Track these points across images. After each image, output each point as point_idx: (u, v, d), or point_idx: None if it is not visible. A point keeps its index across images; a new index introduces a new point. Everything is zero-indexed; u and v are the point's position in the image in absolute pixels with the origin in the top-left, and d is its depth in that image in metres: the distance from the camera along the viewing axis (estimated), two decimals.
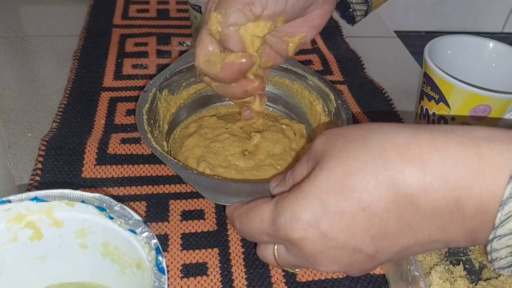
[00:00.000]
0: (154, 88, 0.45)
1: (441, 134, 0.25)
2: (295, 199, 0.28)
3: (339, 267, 0.29)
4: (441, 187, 0.24)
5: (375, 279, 0.40)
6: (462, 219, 0.25)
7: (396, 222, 0.26)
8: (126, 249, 0.28)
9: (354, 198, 0.26)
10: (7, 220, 0.28)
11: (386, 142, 0.26)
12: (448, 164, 0.24)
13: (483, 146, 0.24)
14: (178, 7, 0.78)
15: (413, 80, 0.67)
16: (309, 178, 0.28)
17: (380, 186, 0.25)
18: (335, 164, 0.27)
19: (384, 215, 0.26)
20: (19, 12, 0.76)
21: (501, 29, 1.76)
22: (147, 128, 0.41)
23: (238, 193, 0.38)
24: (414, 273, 0.34)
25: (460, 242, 0.26)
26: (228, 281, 0.39)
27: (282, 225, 0.29)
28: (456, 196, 0.24)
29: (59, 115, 0.53)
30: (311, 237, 0.28)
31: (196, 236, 0.42)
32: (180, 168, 0.39)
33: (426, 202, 0.25)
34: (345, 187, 0.26)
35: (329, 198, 0.27)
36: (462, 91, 0.45)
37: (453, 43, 0.51)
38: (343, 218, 0.27)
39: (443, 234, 0.26)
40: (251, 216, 0.32)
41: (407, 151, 0.25)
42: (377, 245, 0.27)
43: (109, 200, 0.28)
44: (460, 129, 0.25)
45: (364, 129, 0.28)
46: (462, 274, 0.38)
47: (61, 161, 0.47)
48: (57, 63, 0.64)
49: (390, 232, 0.26)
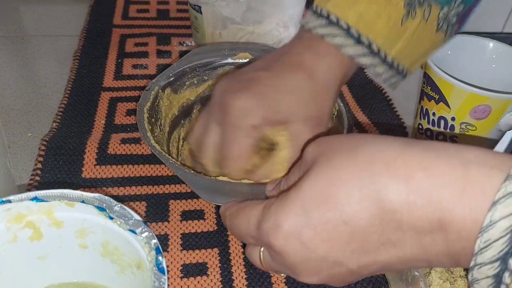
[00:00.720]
0: (156, 86, 0.45)
1: (431, 153, 0.25)
2: (280, 207, 0.28)
3: (319, 279, 0.28)
4: (424, 206, 0.24)
5: (375, 279, 0.40)
6: (445, 240, 0.24)
7: (378, 237, 0.25)
8: (126, 249, 0.28)
9: (337, 210, 0.26)
10: (7, 220, 0.28)
11: (374, 155, 0.26)
12: (433, 184, 0.24)
13: (472, 169, 0.23)
14: (178, 7, 0.78)
15: (413, 80, 0.67)
16: (295, 186, 0.28)
17: (363, 200, 0.25)
18: (320, 174, 0.27)
19: (366, 229, 0.25)
20: (19, 12, 0.76)
21: (501, 29, 1.76)
22: (148, 127, 0.41)
23: (234, 194, 0.37)
24: (414, 273, 0.34)
25: (444, 262, 0.25)
26: (228, 281, 0.39)
27: (265, 231, 0.28)
28: (439, 217, 0.23)
29: (59, 115, 0.53)
30: (292, 246, 0.27)
31: (196, 236, 0.42)
32: (178, 168, 0.38)
33: (408, 219, 0.24)
34: (328, 198, 0.26)
35: (312, 208, 0.26)
36: (462, 91, 0.45)
37: (453, 43, 0.51)
38: (325, 230, 0.26)
39: (426, 254, 0.25)
40: (240, 216, 0.32)
41: (394, 165, 0.25)
42: (359, 260, 0.27)
43: (109, 200, 0.28)
44: (453, 148, 0.25)
45: (355, 140, 0.28)
46: (462, 274, 0.38)
47: (61, 161, 0.47)
48: (57, 63, 0.64)
49: (372, 247, 0.26)
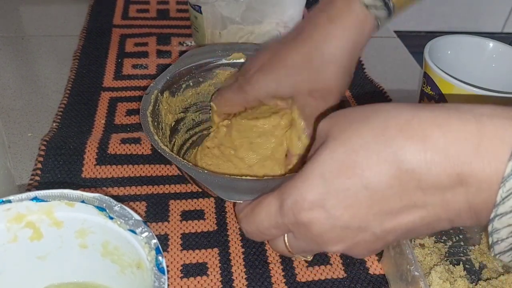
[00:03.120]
0: (155, 90, 0.45)
1: (443, 111, 0.25)
2: (299, 181, 0.28)
3: (346, 246, 0.29)
4: (443, 162, 0.24)
5: (375, 279, 0.40)
6: (465, 194, 0.24)
7: (400, 198, 0.26)
8: (126, 249, 0.28)
9: (356, 175, 0.26)
10: (7, 220, 0.28)
11: (388, 120, 0.26)
12: (449, 139, 0.24)
13: (486, 122, 0.24)
14: (178, 7, 0.78)
15: (413, 80, 0.67)
16: (312, 159, 0.28)
17: (381, 163, 0.25)
18: (338, 143, 0.27)
19: (386, 191, 0.26)
20: (19, 12, 0.76)
21: (501, 29, 1.76)
22: (153, 130, 0.41)
23: (250, 190, 0.37)
24: (414, 273, 0.34)
25: (465, 219, 0.26)
26: (228, 281, 0.39)
27: (289, 207, 0.29)
28: (458, 171, 0.24)
29: (59, 115, 0.53)
30: (317, 216, 0.28)
31: (196, 236, 0.42)
32: (191, 168, 0.38)
33: (428, 177, 0.25)
34: (347, 165, 0.26)
35: (332, 177, 0.27)
36: (462, 91, 0.45)
37: (453, 43, 0.51)
38: (347, 196, 0.27)
39: (448, 211, 0.26)
40: (257, 211, 0.32)
41: (408, 127, 0.25)
42: (382, 223, 0.27)
43: (109, 200, 0.28)
44: (463, 106, 0.25)
45: (367, 110, 0.28)
46: (462, 274, 0.38)
47: (61, 161, 0.47)
48: (57, 63, 0.64)
49: (394, 208, 0.26)
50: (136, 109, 0.55)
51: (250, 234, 0.34)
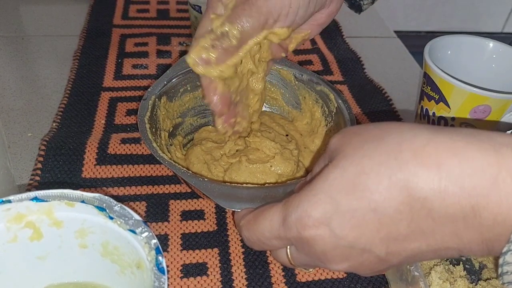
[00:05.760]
0: (153, 95, 0.45)
1: (461, 138, 0.24)
2: (306, 197, 0.28)
3: (349, 265, 0.29)
4: (457, 192, 0.23)
5: (375, 279, 0.40)
6: (479, 227, 0.24)
7: (408, 225, 0.25)
8: (126, 249, 0.28)
9: (365, 197, 0.26)
10: (7, 220, 0.28)
11: (402, 143, 0.25)
12: (465, 170, 0.23)
13: (505, 153, 0.23)
14: (178, 7, 0.78)
15: (413, 80, 0.67)
16: (320, 175, 0.28)
17: (392, 188, 0.25)
18: (349, 162, 0.27)
19: (395, 217, 0.25)
20: (19, 12, 0.76)
21: (501, 29, 1.76)
22: (151, 137, 0.41)
23: (252, 198, 0.37)
24: (414, 273, 0.34)
25: (475, 251, 0.25)
26: (228, 281, 0.39)
27: (293, 222, 0.28)
28: (473, 204, 0.23)
29: (59, 115, 0.53)
30: (321, 234, 0.27)
31: (196, 236, 0.42)
32: (191, 176, 0.38)
33: (440, 207, 0.24)
34: (357, 186, 0.26)
35: (341, 196, 0.26)
36: (462, 91, 0.45)
37: (453, 43, 0.51)
38: (354, 217, 0.26)
39: (457, 241, 0.25)
40: (260, 220, 0.31)
41: (423, 153, 0.24)
42: (387, 247, 0.27)
43: (109, 200, 0.28)
44: (482, 134, 0.24)
45: (381, 129, 0.27)
46: (462, 274, 0.38)
47: (61, 161, 0.47)
48: (57, 63, 0.64)
49: (401, 234, 0.26)
50: (136, 109, 0.55)
51: (250, 242, 0.33)
